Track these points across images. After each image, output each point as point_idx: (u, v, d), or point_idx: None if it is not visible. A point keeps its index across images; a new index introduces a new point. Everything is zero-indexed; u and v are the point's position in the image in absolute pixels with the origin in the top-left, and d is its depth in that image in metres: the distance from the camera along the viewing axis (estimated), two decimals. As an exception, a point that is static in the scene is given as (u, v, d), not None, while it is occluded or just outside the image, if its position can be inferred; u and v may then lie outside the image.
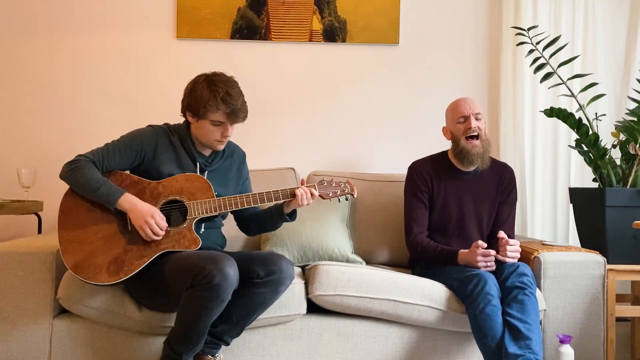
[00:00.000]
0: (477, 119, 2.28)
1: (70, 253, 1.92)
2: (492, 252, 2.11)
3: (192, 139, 2.08)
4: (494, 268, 2.11)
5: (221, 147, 2.07)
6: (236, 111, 1.97)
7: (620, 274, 2.31)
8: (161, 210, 1.98)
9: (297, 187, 2.01)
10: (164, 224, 1.94)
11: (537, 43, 2.62)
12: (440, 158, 2.43)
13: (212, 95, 1.95)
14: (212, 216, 2.04)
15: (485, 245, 2.12)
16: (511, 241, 2.14)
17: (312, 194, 2.02)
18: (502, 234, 2.15)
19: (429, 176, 2.36)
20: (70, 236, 1.94)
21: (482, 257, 2.10)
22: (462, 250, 2.18)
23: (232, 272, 1.80)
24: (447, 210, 2.34)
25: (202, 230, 2.06)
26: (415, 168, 2.41)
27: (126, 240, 1.95)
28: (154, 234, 1.91)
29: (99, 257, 1.92)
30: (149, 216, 1.91)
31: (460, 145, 2.28)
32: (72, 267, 1.90)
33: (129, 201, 1.93)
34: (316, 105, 3.11)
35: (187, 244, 1.96)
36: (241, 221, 2.23)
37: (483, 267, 2.10)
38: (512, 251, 2.13)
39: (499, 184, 2.36)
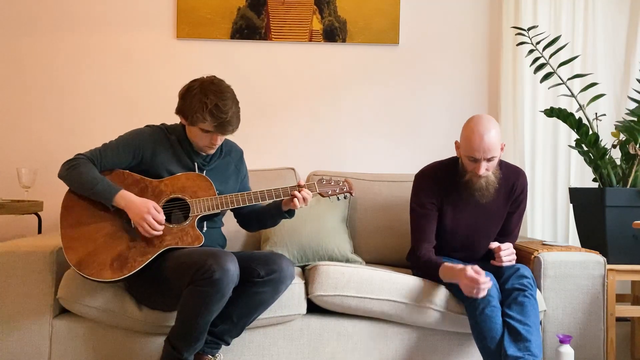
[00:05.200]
0: (488, 161, 2.10)
1: (73, 250, 1.92)
2: (482, 279, 1.94)
3: (189, 139, 2.08)
4: (482, 295, 1.96)
5: (211, 151, 2.08)
6: (224, 124, 1.95)
7: (620, 274, 2.31)
8: (163, 209, 1.98)
9: (295, 190, 2.02)
10: (161, 218, 1.94)
11: (537, 43, 2.61)
12: (449, 167, 2.26)
13: (201, 107, 1.94)
14: (213, 214, 2.05)
15: (474, 274, 1.95)
16: (502, 246, 2.13)
17: (304, 198, 2.01)
18: (493, 245, 2.14)
19: (437, 187, 2.22)
20: (72, 233, 1.94)
21: (470, 282, 1.95)
22: (446, 265, 2.06)
23: (233, 267, 1.81)
24: (455, 223, 2.24)
25: (205, 229, 2.07)
26: (423, 178, 2.27)
27: (129, 237, 1.96)
28: (153, 229, 1.91)
29: (103, 254, 1.92)
30: (145, 212, 1.91)
31: (466, 178, 2.16)
32: (76, 264, 1.90)
33: (124, 198, 1.93)
34: (316, 105, 3.11)
35: (190, 240, 1.97)
36: (241, 218, 2.25)
37: (468, 294, 1.97)
38: (507, 255, 2.12)
39: (510, 193, 2.23)
